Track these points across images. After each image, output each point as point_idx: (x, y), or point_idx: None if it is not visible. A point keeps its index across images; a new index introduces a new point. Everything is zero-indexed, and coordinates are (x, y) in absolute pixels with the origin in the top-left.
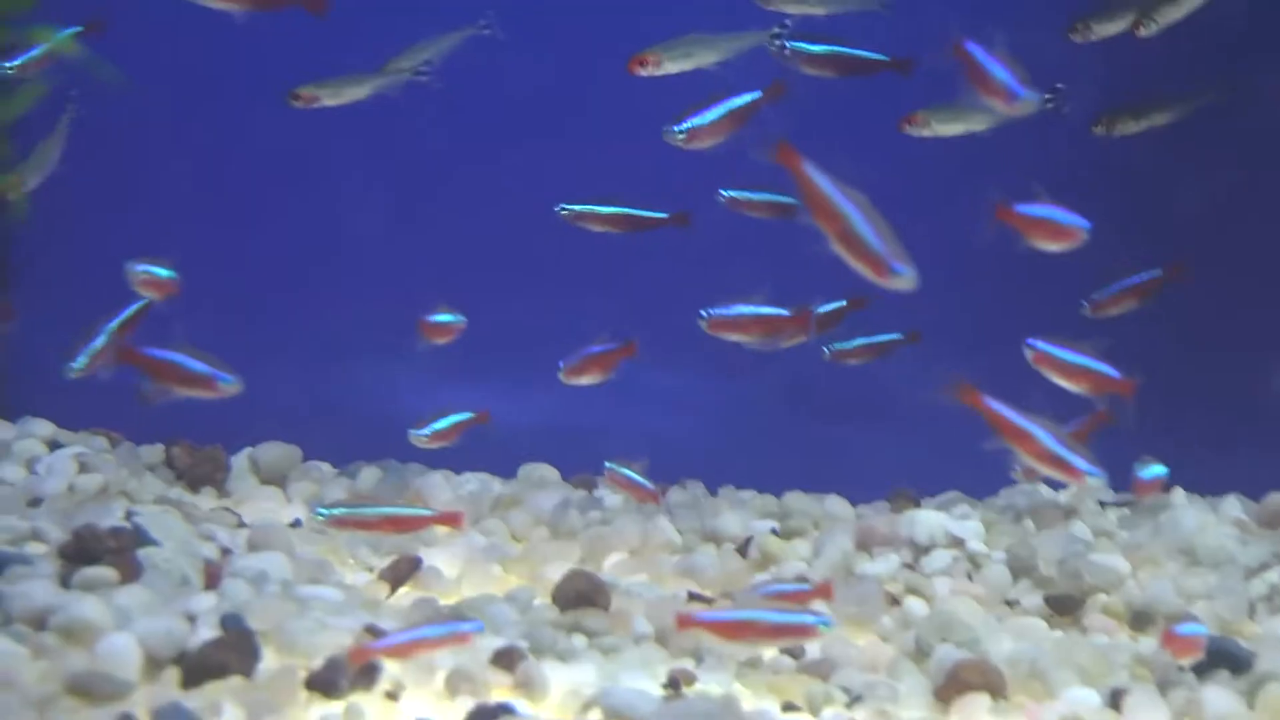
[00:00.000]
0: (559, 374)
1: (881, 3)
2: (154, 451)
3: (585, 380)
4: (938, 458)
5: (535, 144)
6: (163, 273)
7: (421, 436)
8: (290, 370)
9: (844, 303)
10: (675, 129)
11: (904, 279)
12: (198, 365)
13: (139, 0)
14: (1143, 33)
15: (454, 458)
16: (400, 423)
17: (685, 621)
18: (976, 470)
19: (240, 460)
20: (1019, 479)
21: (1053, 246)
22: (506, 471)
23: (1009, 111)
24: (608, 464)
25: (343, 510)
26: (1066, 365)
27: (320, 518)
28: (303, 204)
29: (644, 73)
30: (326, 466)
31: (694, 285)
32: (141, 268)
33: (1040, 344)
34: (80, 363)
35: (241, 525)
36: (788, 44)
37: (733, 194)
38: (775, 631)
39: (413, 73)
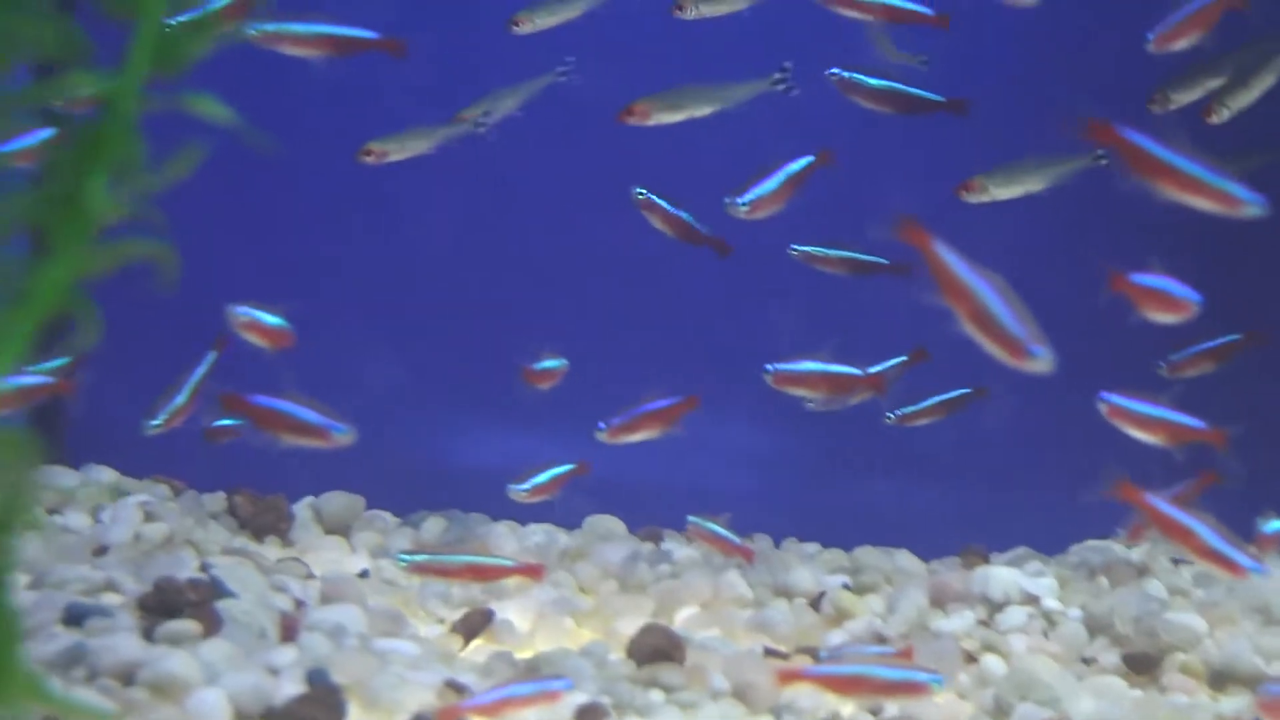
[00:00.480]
0: (600, 434)
1: (921, 60)
2: (216, 500)
3: (635, 438)
4: (1003, 513)
5: (589, 189)
6: (269, 319)
7: (521, 491)
8: (349, 417)
9: (905, 358)
10: (738, 201)
11: (1041, 361)
12: (310, 415)
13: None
14: (1214, 119)
15: (518, 508)
16: (460, 471)
17: (789, 676)
18: (1044, 526)
19: (303, 509)
20: (1124, 542)
21: (1164, 318)
22: (570, 523)
23: None
24: (691, 519)
25: (425, 557)
26: (1143, 418)
27: (402, 563)
28: (364, 253)
29: (633, 123)
30: (389, 516)
31: (760, 335)
32: (244, 311)
33: (1114, 398)
34: (160, 420)
35: (310, 576)
36: (846, 73)
37: (805, 249)
38: (887, 688)
39: (474, 124)
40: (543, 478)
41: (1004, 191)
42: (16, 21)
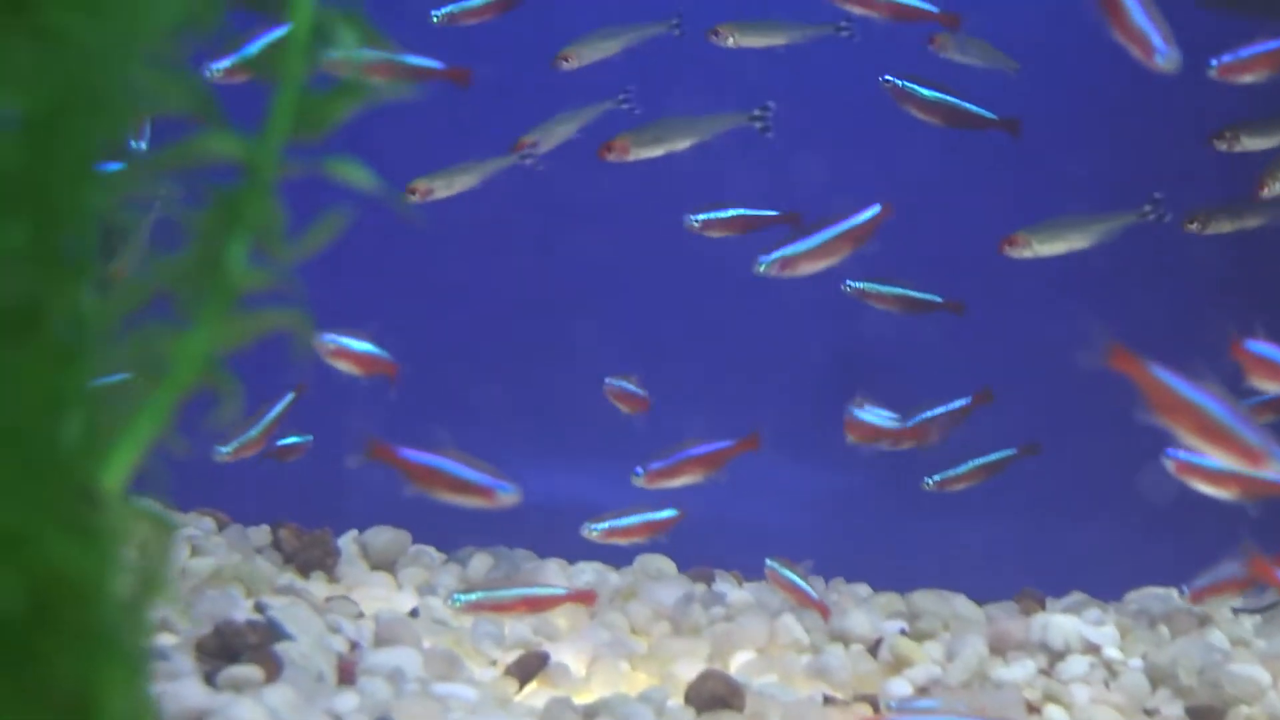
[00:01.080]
0: (636, 479)
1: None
2: (260, 533)
3: (676, 484)
4: (1054, 553)
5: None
6: (359, 346)
7: (595, 532)
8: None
9: (969, 400)
10: (765, 260)
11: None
12: (473, 474)
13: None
14: (1265, 193)
15: (564, 545)
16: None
17: None
18: (1097, 568)
19: (348, 544)
20: (1187, 600)
21: (1272, 387)
22: (618, 560)
23: None
24: (769, 562)
25: (478, 595)
26: (1214, 474)
27: (456, 604)
28: (402, 286)
29: (612, 158)
30: (434, 551)
31: (804, 370)
32: (330, 338)
33: (1181, 454)
34: (231, 449)
35: (361, 616)
36: (901, 82)
37: (860, 285)
38: None
39: (521, 156)
40: (625, 522)
41: (1048, 248)
42: (144, 77)
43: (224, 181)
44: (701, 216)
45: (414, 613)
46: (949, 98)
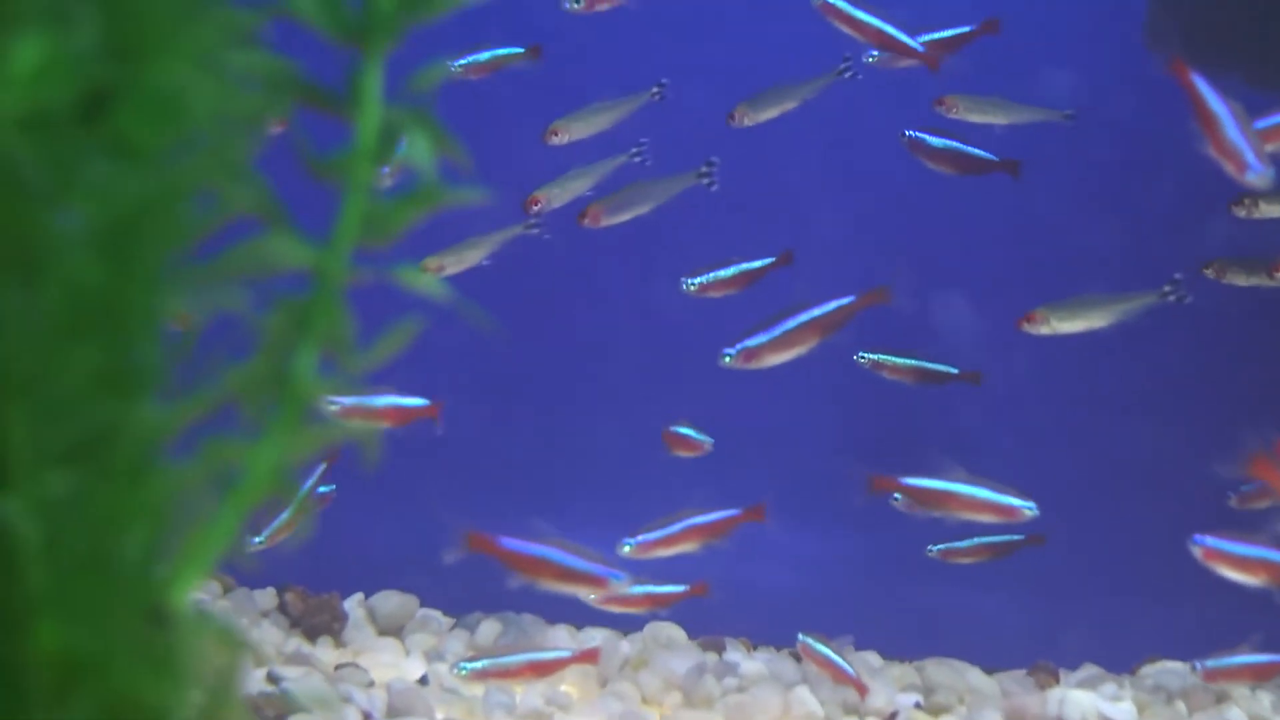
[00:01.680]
0: (623, 549)
1: (1065, 115)
2: (266, 596)
3: (668, 553)
4: (1065, 623)
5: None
6: (386, 402)
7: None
8: (396, 511)
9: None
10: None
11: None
12: (583, 563)
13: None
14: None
15: (573, 610)
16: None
17: None
18: (1109, 638)
19: (354, 608)
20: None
21: None
22: (627, 625)
23: None
24: (803, 637)
25: (485, 663)
26: (1242, 560)
27: (463, 672)
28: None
29: (588, 225)
30: (442, 616)
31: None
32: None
33: (1209, 540)
34: (264, 537)
35: (371, 684)
36: (910, 132)
37: (874, 357)
38: None
39: (526, 227)
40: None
41: (1066, 325)
42: (217, 184)
43: (291, 289)
44: (697, 280)
45: (424, 680)
46: (957, 145)
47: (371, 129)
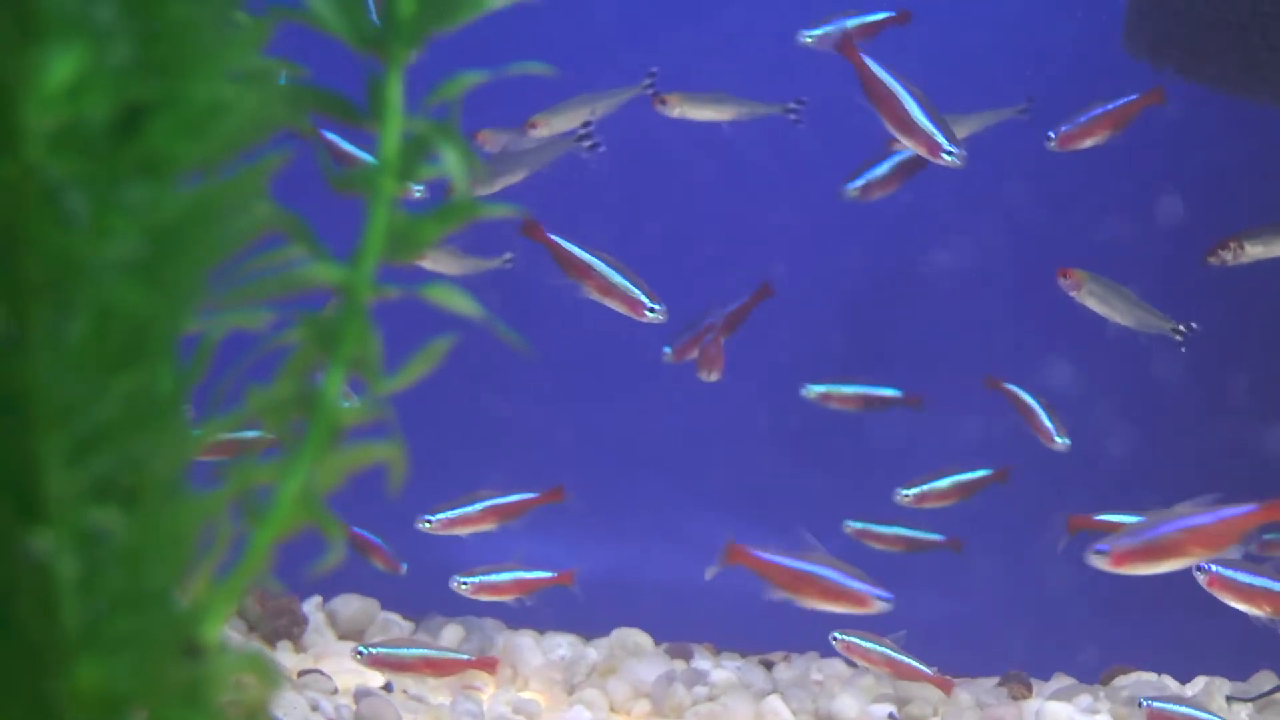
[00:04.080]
0: (423, 525)
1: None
2: None
3: (465, 532)
4: (1033, 629)
5: None
6: None
7: (463, 585)
8: (355, 510)
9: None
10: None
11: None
12: (847, 580)
13: None
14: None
15: (536, 615)
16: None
17: None
18: (1076, 646)
19: (314, 611)
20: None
21: None
22: (591, 630)
23: None
24: (842, 636)
25: (383, 650)
26: (1246, 590)
27: (360, 656)
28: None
29: (533, 133)
30: (402, 620)
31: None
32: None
33: (1214, 568)
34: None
35: (335, 692)
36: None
37: (820, 389)
38: None
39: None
40: (496, 578)
41: (1092, 301)
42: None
43: (315, 308)
44: (672, 347)
45: (388, 687)
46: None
47: (394, 140)
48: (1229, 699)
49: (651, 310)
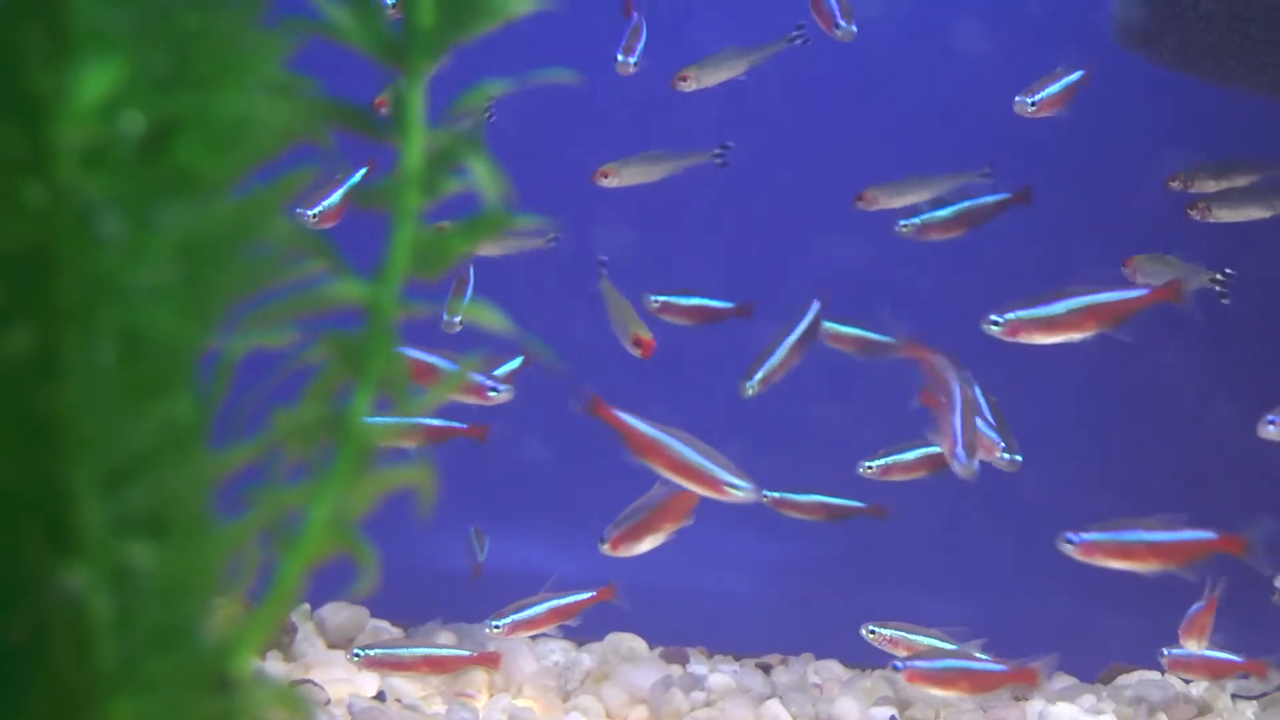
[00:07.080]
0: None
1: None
2: None
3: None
4: (1029, 627)
5: None
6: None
7: (496, 629)
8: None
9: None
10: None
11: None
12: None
13: None
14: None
15: None
16: (463, 576)
17: None
18: (1072, 643)
19: (302, 620)
20: None
21: None
22: (584, 635)
23: None
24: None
25: (379, 652)
26: (1116, 546)
27: (355, 658)
28: None
29: (684, 86)
30: (393, 628)
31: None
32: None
33: (1079, 537)
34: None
35: (329, 703)
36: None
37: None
38: None
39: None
40: (531, 613)
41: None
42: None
43: (341, 327)
44: (661, 298)
45: (380, 696)
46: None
47: (417, 153)
48: (1234, 697)
49: (734, 488)
